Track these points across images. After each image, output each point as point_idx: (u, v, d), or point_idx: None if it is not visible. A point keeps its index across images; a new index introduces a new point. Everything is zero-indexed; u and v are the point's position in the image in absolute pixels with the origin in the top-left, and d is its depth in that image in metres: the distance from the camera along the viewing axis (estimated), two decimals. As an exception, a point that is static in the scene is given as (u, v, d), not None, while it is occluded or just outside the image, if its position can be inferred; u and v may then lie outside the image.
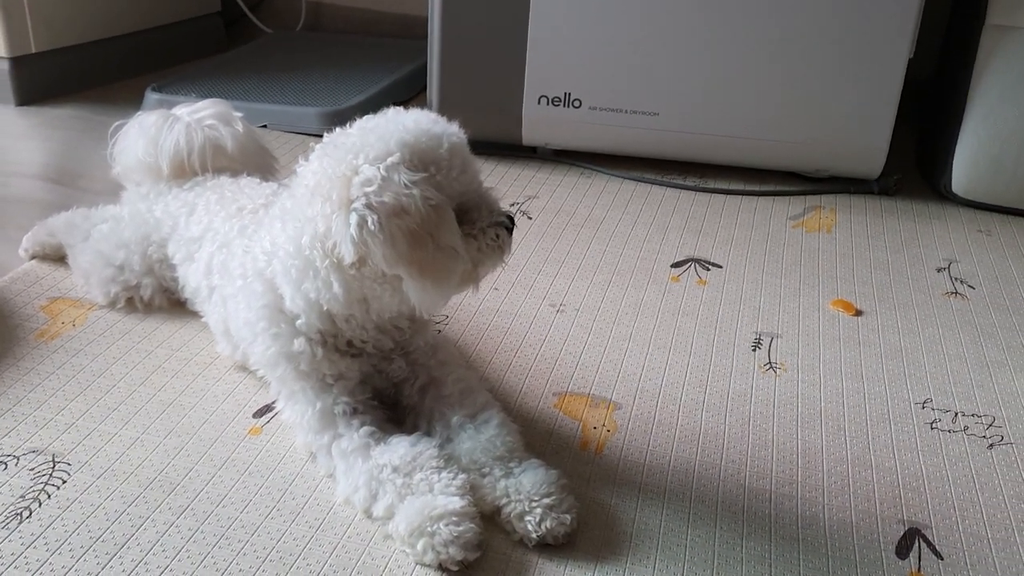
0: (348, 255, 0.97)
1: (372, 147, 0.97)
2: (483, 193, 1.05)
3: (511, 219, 1.05)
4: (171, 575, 0.94)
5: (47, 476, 1.06)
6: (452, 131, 1.02)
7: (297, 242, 1.02)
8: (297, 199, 1.04)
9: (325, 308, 1.04)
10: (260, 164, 1.46)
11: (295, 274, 1.04)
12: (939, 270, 1.63)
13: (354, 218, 0.95)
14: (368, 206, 0.94)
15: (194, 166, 1.38)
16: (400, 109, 1.04)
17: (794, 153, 1.94)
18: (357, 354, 1.10)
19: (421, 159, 0.98)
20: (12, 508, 1.01)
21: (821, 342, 1.40)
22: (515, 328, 1.40)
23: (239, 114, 1.44)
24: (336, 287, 1.01)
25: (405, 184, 0.95)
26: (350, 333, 1.08)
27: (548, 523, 0.98)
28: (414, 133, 0.99)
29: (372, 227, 0.94)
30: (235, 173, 1.38)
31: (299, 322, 1.07)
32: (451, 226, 0.99)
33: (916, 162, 2.10)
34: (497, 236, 1.03)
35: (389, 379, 1.13)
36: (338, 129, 1.05)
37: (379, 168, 0.96)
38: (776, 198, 1.91)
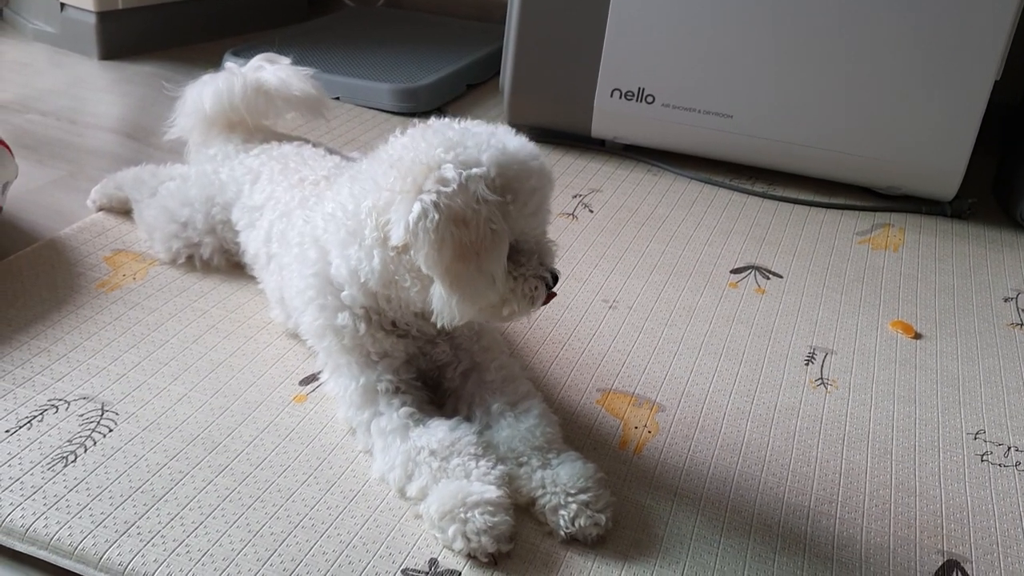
0: (396, 238, 0.97)
1: (465, 151, 0.97)
2: (542, 242, 1.04)
3: (555, 278, 1.04)
4: (205, 532, 0.95)
5: (95, 423, 1.08)
6: (545, 171, 1.02)
7: (358, 203, 1.03)
8: (375, 164, 1.04)
9: (362, 279, 1.05)
10: (308, 104, 1.47)
11: (344, 235, 1.05)
12: (1006, 300, 1.59)
13: (417, 207, 0.94)
14: (435, 203, 0.94)
15: (239, 110, 1.41)
16: (511, 130, 1.04)
17: (867, 168, 1.90)
18: (403, 335, 1.10)
19: (503, 183, 0.97)
20: (58, 451, 1.04)
21: (876, 362, 1.37)
22: (565, 320, 1.39)
23: (287, 59, 1.47)
24: (376, 261, 1.02)
25: (478, 198, 0.95)
26: (392, 314, 1.08)
27: (582, 521, 0.98)
28: (509, 156, 0.98)
29: (429, 224, 0.94)
30: (300, 144, 1.40)
31: (344, 294, 1.07)
32: (501, 256, 0.98)
33: (993, 187, 2.05)
34: (535, 288, 1.02)
35: (433, 361, 1.13)
36: (446, 119, 1.05)
37: (461, 173, 0.95)
38: (845, 212, 1.88)
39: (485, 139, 0.99)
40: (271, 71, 1.43)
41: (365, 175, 1.05)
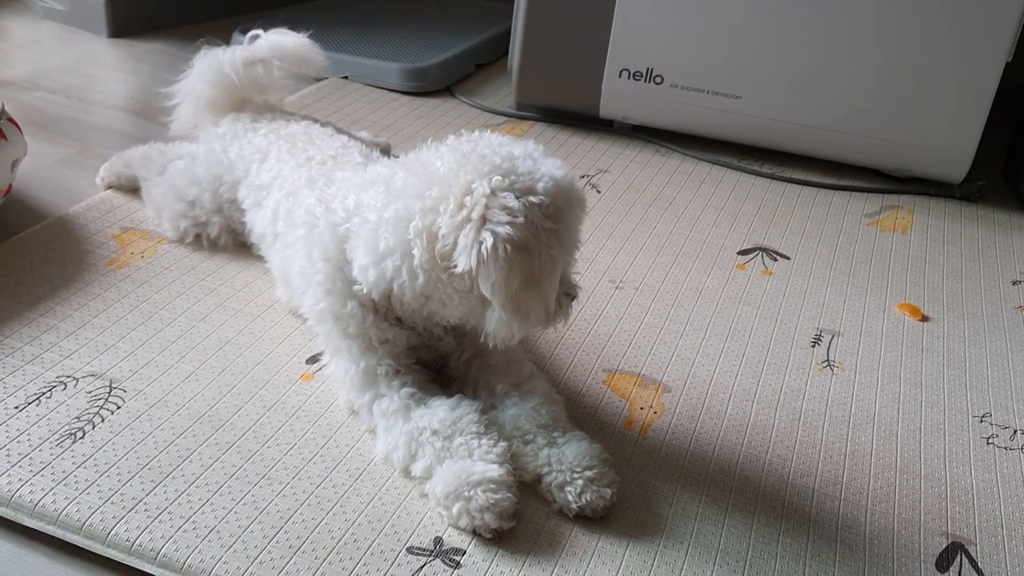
0: (462, 265, 0.96)
1: (519, 178, 0.97)
2: (570, 263, 1.06)
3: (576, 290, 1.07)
4: (211, 509, 0.96)
5: (103, 400, 1.09)
6: (584, 199, 1.04)
7: (403, 221, 1.00)
8: (418, 181, 1.01)
9: (396, 291, 1.03)
10: (304, 58, 1.48)
11: (382, 247, 1.02)
12: (1015, 283, 1.58)
13: (489, 238, 0.94)
14: (508, 234, 0.94)
15: (232, 84, 1.43)
16: (541, 148, 1.04)
17: (876, 150, 1.89)
18: (407, 328, 1.10)
19: (556, 212, 0.98)
20: (67, 428, 1.04)
21: (883, 344, 1.37)
22: (572, 301, 1.39)
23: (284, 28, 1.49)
24: (420, 279, 1.00)
25: (538, 227, 0.96)
26: (400, 312, 1.08)
27: (588, 495, 0.98)
28: (559, 186, 0.99)
29: (501, 254, 0.94)
30: (308, 123, 1.40)
31: (356, 287, 1.06)
32: (555, 281, 1.00)
33: (1003, 170, 2.04)
34: (561, 306, 1.04)
35: (436, 352, 1.14)
36: (479, 133, 1.04)
37: (523, 203, 0.95)
38: (853, 194, 1.87)
39: (533, 166, 0.99)
40: (263, 37, 1.45)
41: (408, 190, 1.01)
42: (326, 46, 2.17)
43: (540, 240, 0.96)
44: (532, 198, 0.96)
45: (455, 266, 0.96)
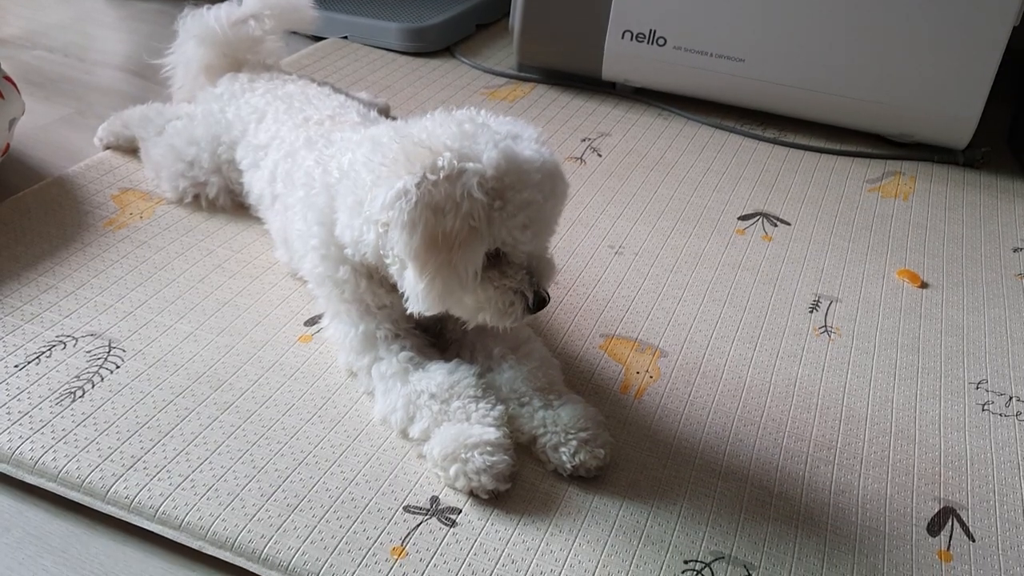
0: (373, 211, 0.96)
1: (472, 145, 0.95)
2: (539, 261, 1.01)
3: (541, 301, 1.00)
4: (210, 467, 0.97)
5: (102, 360, 1.10)
6: (547, 187, 0.97)
7: (371, 175, 1.00)
8: (397, 137, 1.00)
9: (363, 251, 1.03)
10: (293, 8, 1.48)
11: (352, 202, 1.02)
12: (1015, 250, 1.58)
13: (399, 185, 0.92)
14: (417, 185, 0.92)
15: (218, 33, 1.42)
16: (532, 133, 1.00)
17: (880, 115, 1.88)
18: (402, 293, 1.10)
19: (497, 187, 0.94)
20: (67, 387, 1.05)
21: (881, 311, 1.37)
22: (571, 266, 1.40)
23: None
24: (371, 235, 0.99)
25: (465, 192, 0.92)
26: (391, 279, 1.08)
27: (582, 455, 0.99)
28: (511, 162, 0.94)
29: (405, 204, 0.92)
30: (305, 83, 1.40)
31: (347, 251, 1.06)
32: (474, 257, 0.95)
33: (1007, 136, 2.02)
34: (511, 304, 0.99)
35: (434, 317, 1.13)
36: (473, 110, 1.02)
37: (455, 165, 0.93)
38: (855, 159, 1.86)
39: (498, 139, 0.96)
40: None
41: (386, 147, 1.01)
42: (325, 5, 2.16)
43: (459, 207, 0.92)
44: (470, 164, 0.93)
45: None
